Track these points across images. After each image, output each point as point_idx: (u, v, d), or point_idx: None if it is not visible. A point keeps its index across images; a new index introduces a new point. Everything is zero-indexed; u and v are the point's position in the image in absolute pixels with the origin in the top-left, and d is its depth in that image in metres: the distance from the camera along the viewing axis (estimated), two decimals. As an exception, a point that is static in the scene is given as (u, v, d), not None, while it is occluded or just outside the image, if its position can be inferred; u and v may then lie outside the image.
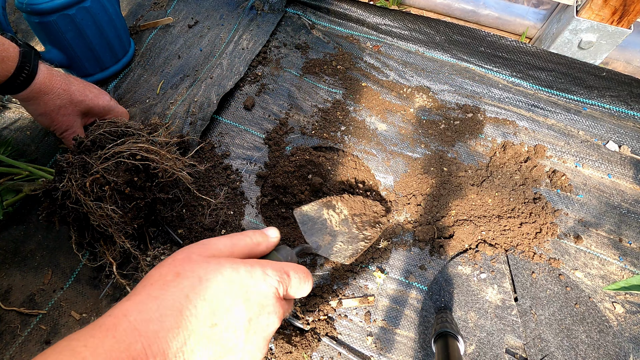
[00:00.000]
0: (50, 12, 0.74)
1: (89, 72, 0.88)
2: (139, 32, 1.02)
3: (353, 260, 0.61)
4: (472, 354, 0.67)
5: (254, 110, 0.90)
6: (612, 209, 0.81)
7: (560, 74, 0.94)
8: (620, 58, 1.12)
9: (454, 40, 0.99)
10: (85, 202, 0.57)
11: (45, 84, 0.66)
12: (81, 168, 0.59)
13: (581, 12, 0.95)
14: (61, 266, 0.72)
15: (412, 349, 0.67)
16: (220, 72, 0.94)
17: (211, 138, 0.86)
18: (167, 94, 0.91)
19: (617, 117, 0.93)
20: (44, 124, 0.71)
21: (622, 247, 0.77)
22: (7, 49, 0.60)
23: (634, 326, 0.69)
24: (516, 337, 0.68)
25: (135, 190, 0.62)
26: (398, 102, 0.94)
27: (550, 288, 0.72)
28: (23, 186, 0.73)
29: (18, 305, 0.68)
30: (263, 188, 0.81)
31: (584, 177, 0.85)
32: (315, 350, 0.67)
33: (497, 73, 0.98)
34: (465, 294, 0.71)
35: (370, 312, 0.70)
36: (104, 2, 0.82)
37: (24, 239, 0.74)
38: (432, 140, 0.88)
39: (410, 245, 0.76)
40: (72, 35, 0.79)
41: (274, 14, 1.05)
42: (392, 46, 1.03)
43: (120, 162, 0.60)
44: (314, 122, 0.89)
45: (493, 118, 0.92)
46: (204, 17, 1.05)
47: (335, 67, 0.98)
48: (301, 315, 0.68)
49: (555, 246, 0.77)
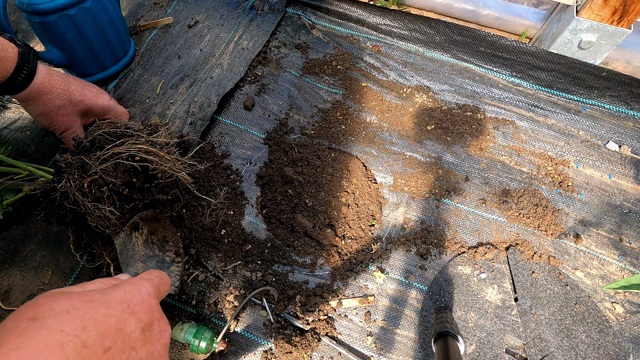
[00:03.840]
0: (51, 12, 0.74)
1: (89, 72, 0.88)
2: (139, 32, 1.02)
3: (177, 289, 0.57)
4: (472, 354, 0.67)
5: (254, 110, 0.90)
6: (613, 209, 0.81)
7: (560, 74, 0.94)
8: (620, 58, 1.12)
9: (454, 40, 0.99)
10: (83, 203, 0.57)
11: (45, 84, 0.66)
12: (80, 169, 0.59)
13: (581, 12, 0.95)
14: (61, 266, 0.72)
15: (412, 349, 0.67)
16: (221, 72, 0.94)
17: (211, 138, 0.86)
18: (167, 94, 0.91)
19: (617, 117, 0.93)
20: (44, 124, 0.71)
21: (622, 246, 0.77)
22: (6, 50, 0.60)
23: (634, 326, 0.69)
24: (516, 337, 0.68)
25: (133, 192, 0.62)
26: (398, 102, 0.94)
27: (550, 288, 0.72)
28: (23, 186, 0.73)
29: (18, 305, 0.68)
30: (263, 188, 0.81)
31: (585, 177, 0.85)
32: (315, 350, 0.67)
33: (497, 73, 0.98)
34: (465, 294, 0.71)
35: (370, 312, 0.70)
36: (105, 2, 0.82)
37: (24, 239, 0.74)
38: (432, 140, 0.88)
39: (410, 245, 0.76)
40: (73, 35, 0.79)
41: (274, 14, 1.05)
42: (392, 46, 1.03)
43: (119, 163, 0.60)
44: (314, 122, 0.89)
45: (493, 118, 0.92)
46: (204, 17, 1.05)
47: (335, 67, 0.98)
48: (301, 315, 0.68)
49: (555, 246, 0.76)
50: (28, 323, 0.27)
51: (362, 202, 0.79)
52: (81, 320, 0.28)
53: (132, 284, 0.36)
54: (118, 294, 0.33)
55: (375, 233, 0.77)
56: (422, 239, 0.77)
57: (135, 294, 0.34)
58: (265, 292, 0.70)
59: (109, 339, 0.29)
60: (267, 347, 0.67)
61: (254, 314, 0.69)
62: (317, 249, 0.75)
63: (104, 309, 0.30)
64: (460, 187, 0.82)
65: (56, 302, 0.29)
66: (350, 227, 0.77)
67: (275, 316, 0.69)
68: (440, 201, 0.81)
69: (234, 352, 0.67)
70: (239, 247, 0.74)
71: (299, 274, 0.73)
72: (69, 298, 0.30)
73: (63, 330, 0.27)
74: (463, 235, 0.77)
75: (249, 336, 0.68)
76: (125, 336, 0.31)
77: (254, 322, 0.69)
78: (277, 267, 0.73)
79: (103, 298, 0.31)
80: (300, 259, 0.74)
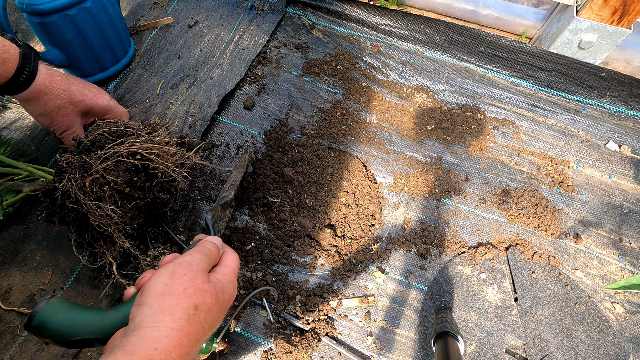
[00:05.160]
0: (51, 13, 0.74)
1: (89, 72, 0.88)
2: (139, 32, 1.02)
3: (221, 233, 0.62)
4: (472, 354, 0.67)
5: (254, 110, 0.90)
6: (613, 209, 0.81)
7: (560, 74, 0.94)
8: (620, 58, 1.12)
9: (454, 40, 0.99)
10: (84, 202, 0.57)
11: (45, 84, 0.66)
12: (81, 168, 0.59)
13: (581, 12, 0.95)
14: (61, 266, 0.72)
15: (412, 349, 0.67)
16: (221, 72, 0.94)
17: (211, 138, 0.86)
18: (167, 94, 0.91)
19: (617, 117, 0.93)
20: (44, 124, 0.71)
21: (622, 246, 0.77)
22: (8, 50, 0.60)
23: (634, 326, 0.69)
24: (516, 337, 0.68)
25: (134, 190, 0.62)
26: (398, 102, 0.94)
27: (550, 288, 0.72)
28: (23, 186, 0.73)
29: (18, 305, 0.68)
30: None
31: (585, 177, 0.85)
32: (315, 350, 0.67)
33: (497, 73, 0.98)
34: (465, 294, 0.71)
35: (370, 312, 0.70)
36: (105, 3, 0.82)
37: (24, 239, 0.74)
38: (432, 140, 0.88)
39: (410, 245, 0.76)
40: (73, 36, 0.79)
41: (274, 14, 1.05)
42: (392, 46, 1.03)
43: (120, 162, 0.60)
44: (314, 122, 0.89)
45: (493, 118, 0.92)
46: (204, 17, 1.05)
47: (335, 67, 0.98)
48: (301, 315, 0.68)
49: (555, 246, 0.77)
50: (194, 311, 0.37)
51: (362, 202, 0.79)
52: (204, 320, 0.38)
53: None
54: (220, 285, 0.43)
55: (375, 233, 0.77)
56: (422, 239, 0.77)
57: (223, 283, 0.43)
58: (265, 292, 0.70)
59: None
60: (267, 347, 0.67)
61: (254, 314, 0.69)
62: (317, 249, 0.75)
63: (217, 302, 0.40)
64: (460, 187, 0.82)
65: (209, 296, 0.39)
66: (350, 227, 0.77)
67: (275, 316, 0.69)
68: (440, 201, 0.81)
69: (234, 352, 0.67)
70: (239, 247, 0.74)
71: (299, 274, 0.73)
72: (212, 294, 0.39)
73: (200, 324, 0.37)
74: (463, 235, 0.77)
75: (249, 336, 0.68)
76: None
77: (254, 322, 0.69)
78: (277, 267, 0.73)
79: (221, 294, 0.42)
80: (300, 259, 0.74)
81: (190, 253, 0.42)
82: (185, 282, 0.37)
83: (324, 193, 0.80)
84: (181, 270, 0.38)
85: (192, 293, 0.37)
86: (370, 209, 0.79)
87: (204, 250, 0.43)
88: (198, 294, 0.37)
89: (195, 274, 0.39)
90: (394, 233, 0.77)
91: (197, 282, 0.38)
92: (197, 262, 0.40)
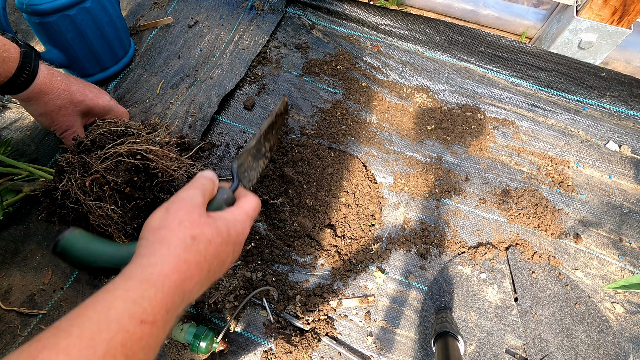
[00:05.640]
0: (51, 13, 0.74)
1: (89, 73, 0.88)
2: (139, 32, 1.02)
3: (252, 185, 0.60)
4: (472, 354, 0.67)
5: (254, 110, 0.90)
6: (613, 209, 0.81)
7: (560, 74, 0.94)
8: (620, 58, 1.12)
9: (454, 40, 0.99)
10: (85, 202, 0.57)
11: (46, 84, 0.66)
12: (81, 168, 0.59)
13: (581, 12, 0.95)
14: (61, 266, 0.72)
15: (412, 349, 0.67)
16: (221, 72, 0.94)
17: (211, 138, 0.86)
18: (167, 94, 0.91)
19: (617, 117, 0.93)
20: (44, 124, 0.71)
21: (622, 246, 0.77)
22: (9, 50, 0.60)
23: (634, 326, 0.69)
24: (516, 337, 0.68)
25: (135, 190, 0.62)
26: (398, 102, 0.94)
27: (550, 288, 0.72)
28: (23, 186, 0.73)
29: (18, 305, 0.68)
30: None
31: (585, 177, 0.85)
32: (315, 350, 0.67)
33: (497, 73, 0.98)
34: (465, 294, 0.71)
35: (370, 312, 0.70)
36: (104, 3, 0.82)
37: (24, 239, 0.74)
38: (432, 140, 0.88)
39: (410, 245, 0.76)
40: (73, 36, 0.79)
41: (274, 14, 1.05)
42: (392, 46, 1.03)
43: (120, 162, 0.60)
44: (314, 122, 0.89)
45: (493, 118, 0.92)
46: (204, 17, 1.05)
47: (335, 67, 0.98)
48: (301, 315, 0.68)
49: (555, 246, 0.77)
50: (191, 242, 0.38)
51: (362, 202, 0.79)
52: (210, 252, 0.39)
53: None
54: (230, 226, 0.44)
55: (375, 233, 0.77)
56: (422, 239, 0.77)
57: (236, 224, 0.44)
58: (265, 292, 0.70)
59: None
60: (267, 347, 0.67)
61: (254, 314, 0.69)
62: (317, 249, 0.75)
63: (221, 237, 0.41)
64: (460, 187, 0.82)
65: (207, 229, 0.39)
66: (350, 227, 0.77)
67: (275, 316, 0.69)
68: (440, 201, 0.81)
69: (234, 352, 0.67)
70: (239, 247, 0.74)
71: (299, 274, 0.73)
72: (212, 228, 0.40)
73: (205, 258, 0.38)
74: (463, 235, 0.77)
75: (249, 336, 0.68)
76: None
77: (254, 322, 0.69)
78: (277, 267, 0.73)
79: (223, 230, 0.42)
80: (300, 259, 0.74)
81: (184, 189, 0.43)
82: (180, 215, 0.38)
83: (324, 193, 0.80)
84: (175, 206, 0.40)
85: (188, 225, 0.38)
86: (370, 209, 0.79)
87: (196, 184, 0.44)
88: (194, 225, 0.38)
89: (191, 208, 0.40)
90: (394, 233, 0.77)
91: (192, 216, 0.39)
92: (190, 196, 0.41)
